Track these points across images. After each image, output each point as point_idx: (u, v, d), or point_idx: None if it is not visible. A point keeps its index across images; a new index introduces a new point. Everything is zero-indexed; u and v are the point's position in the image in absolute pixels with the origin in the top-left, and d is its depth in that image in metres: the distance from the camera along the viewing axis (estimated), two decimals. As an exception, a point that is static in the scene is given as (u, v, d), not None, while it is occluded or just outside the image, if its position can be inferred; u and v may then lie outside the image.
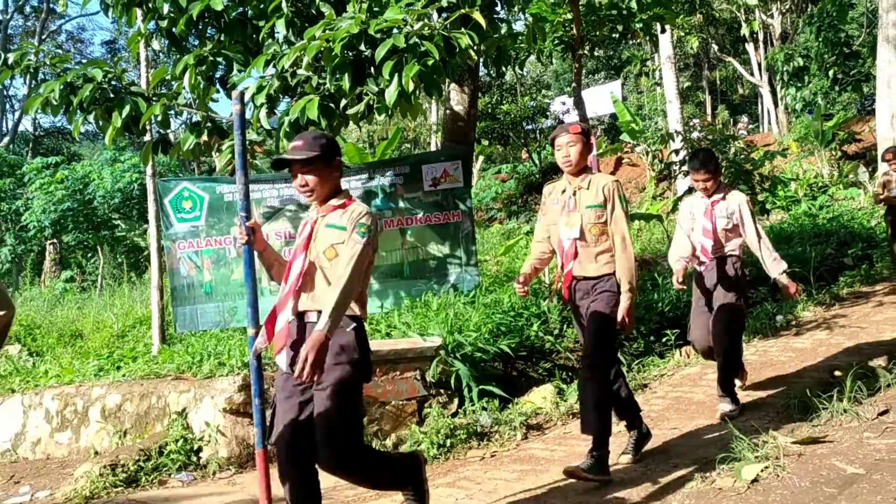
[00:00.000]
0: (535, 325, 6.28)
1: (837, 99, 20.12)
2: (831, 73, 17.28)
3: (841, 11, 17.27)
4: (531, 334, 6.14)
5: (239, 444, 5.00)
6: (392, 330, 6.14)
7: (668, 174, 11.98)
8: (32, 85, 7.26)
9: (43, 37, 31.70)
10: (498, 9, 6.38)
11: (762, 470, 3.45)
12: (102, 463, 4.81)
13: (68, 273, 17.34)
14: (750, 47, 23.86)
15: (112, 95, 5.98)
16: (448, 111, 8.41)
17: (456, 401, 5.43)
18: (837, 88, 17.69)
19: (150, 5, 6.02)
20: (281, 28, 5.59)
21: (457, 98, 8.21)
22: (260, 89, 5.48)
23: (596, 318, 3.84)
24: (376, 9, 5.09)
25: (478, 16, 4.97)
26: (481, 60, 7.30)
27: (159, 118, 6.07)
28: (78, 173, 18.72)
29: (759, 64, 23.32)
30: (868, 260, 9.53)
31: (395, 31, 4.81)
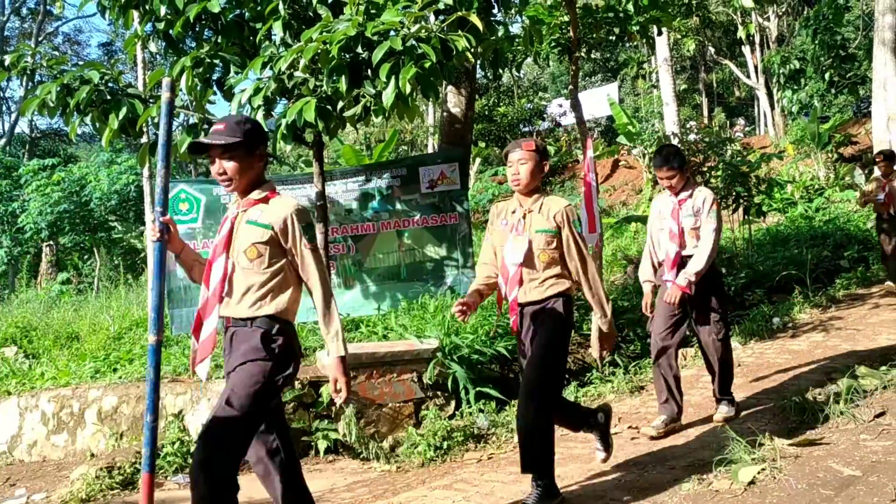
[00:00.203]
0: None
1: (833, 101, 20.18)
2: (827, 76, 17.33)
3: (837, 14, 17.32)
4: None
5: (235, 447, 4.98)
6: (389, 332, 6.15)
7: (665, 176, 11.99)
8: (29, 87, 7.25)
9: (40, 39, 31.65)
10: (495, 11, 6.38)
11: (759, 472, 3.45)
12: (99, 465, 4.80)
13: (65, 275, 17.30)
14: (746, 50, 23.93)
15: (109, 97, 5.98)
16: (445, 113, 8.42)
17: (453, 403, 5.43)
18: (833, 91, 17.73)
19: (147, 7, 6.01)
20: (278, 30, 5.59)
21: (454, 100, 8.22)
22: (257, 91, 5.48)
23: (538, 345, 3.54)
24: (373, 11, 5.09)
25: (475, 18, 4.97)
26: (478, 63, 7.31)
27: (156, 120, 6.07)
28: (74, 175, 18.67)
29: (756, 67, 23.39)
30: (864, 262, 9.56)
31: (392, 34, 4.81)
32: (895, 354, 5.46)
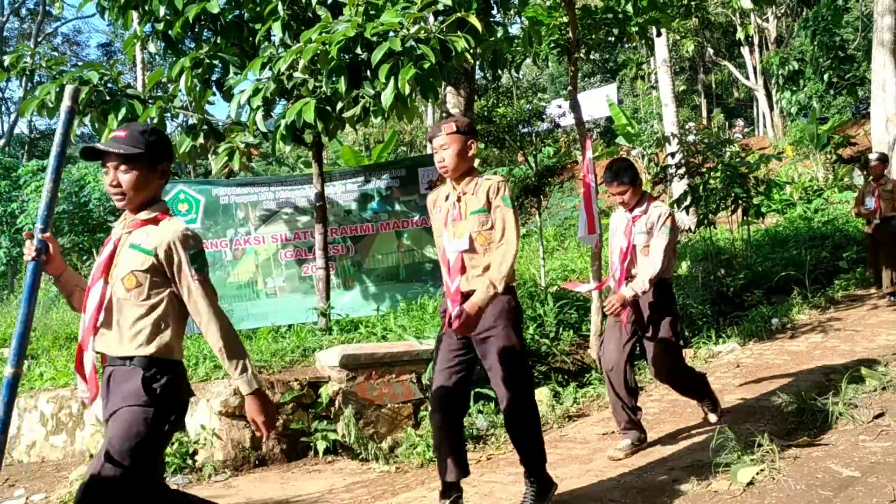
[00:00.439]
0: (531, 328, 6.29)
1: (832, 102, 20.19)
2: (826, 77, 17.33)
3: (836, 15, 17.33)
4: (527, 337, 6.14)
5: (235, 448, 4.99)
6: (388, 333, 6.15)
7: (664, 177, 12.01)
8: (28, 87, 7.25)
9: (39, 39, 31.64)
10: (494, 12, 6.39)
11: (758, 473, 3.45)
12: (97, 466, 4.79)
13: (63, 276, 17.28)
14: (745, 51, 23.96)
15: (108, 98, 5.98)
16: (444, 114, 8.42)
17: (452, 404, 5.42)
18: (832, 92, 17.73)
19: (147, 8, 6.01)
20: (277, 31, 5.59)
21: (453, 101, 8.22)
22: (256, 92, 5.49)
23: (503, 360, 3.29)
24: (372, 12, 5.09)
25: (474, 19, 4.97)
26: (477, 63, 7.32)
27: (155, 120, 6.07)
28: (73, 176, 18.68)
29: (755, 67, 23.42)
30: (863, 263, 9.56)
31: (392, 35, 4.82)
32: (894, 355, 5.47)
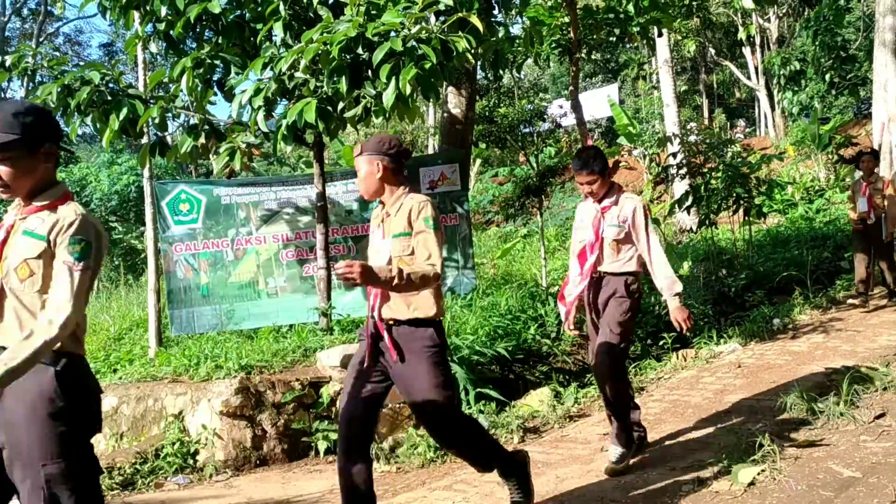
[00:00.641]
0: (532, 329, 6.29)
1: (834, 103, 20.17)
2: (828, 77, 17.33)
3: (837, 16, 17.31)
4: (528, 337, 6.15)
5: (236, 447, 4.99)
6: (389, 333, 6.14)
7: (666, 177, 12.01)
8: (30, 87, 7.26)
9: (40, 39, 31.66)
10: (495, 12, 6.39)
11: (759, 473, 3.45)
12: (99, 466, 4.80)
13: (65, 275, 17.29)
14: (747, 51, 23.93)
15: (109, 98, 5.99)
16: (445, 114, 8.42)
17: (453, 404, 5.43)
18: (834, 92, 17.73)
19: (148, 8, 6.02)
20: (278, 31, 5.59)
21: (454, 101, 8.23)
22: (257, 92, 5.49)
23: (426, 391, 3.08)
24: (374, 12, 5.09)
25: (475, 19, 4.97)
26: (478, 64, 7.32)
27: (157, 121, 6.08)
28: (75, 175, 18.70)
29: (756, 68, 23.39)
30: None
31: (393, 35, 4.82)
32: (895, 355, 5.46)
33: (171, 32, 6.05)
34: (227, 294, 7.19)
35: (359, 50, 5.01)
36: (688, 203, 9.81)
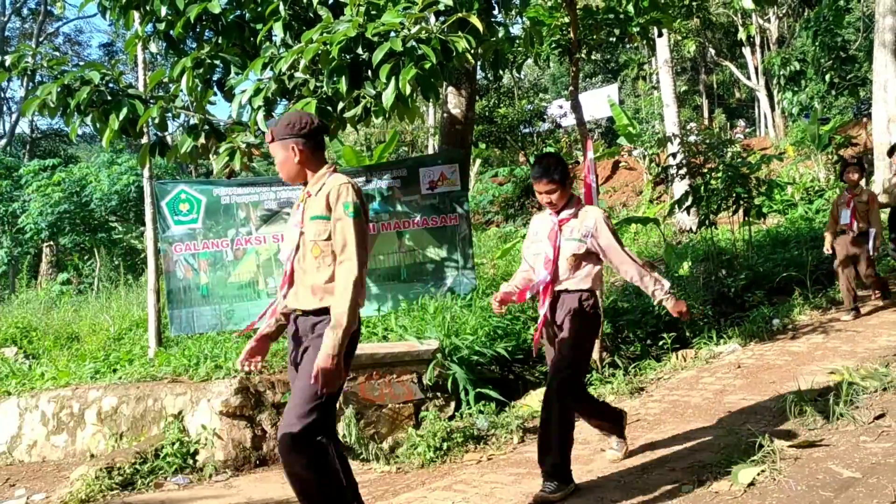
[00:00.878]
0: (532, 329, 6.28)
1: (834, 103, 20.18)
2: (828, 78, 17.32)
3: (837, 16, 17.31)
4: (528, 337, 6.14)
5: (235, 447, 4.99)
6: (389, 333, 6.15)
7: (665, 178, 12.01)
8: (30, 87, 7.26)
9: (40, 39, 31.67)
10: (495, 12, 6.39)
11: (759, 474, 3.45)
12: (98, 466, 4.80)
13: (65, 275, 17.30)
14: (747, 51, 23.93)
15: (109, 98, 5.98)
16: (445, 114, 8.42)
17: (452, 404, 5.43)
18: (834, 93, 17.73)
19: (148, 8, 6.02)
20: (278, 31, 5.59)
21: (454, 101, 8.22)
22: (257, 92, 5.49)
23: (303, 378, 2.93)
24: (373, 12, 5.09)
25: (475, 19, 4.97)
26: (478, 64, 7.32)
27: (157, 121, 6.07)
28: (75, 175, 18.69)
29: (756, 68, 23.40)
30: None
31: (393, 35, 4.82)
32: (895, 356, 5.46)
33: (171, 32, 6.05)
34: (227, 294, 7.18)
35: (358, 50, 5.01)
36: (687, 203, 9.81)
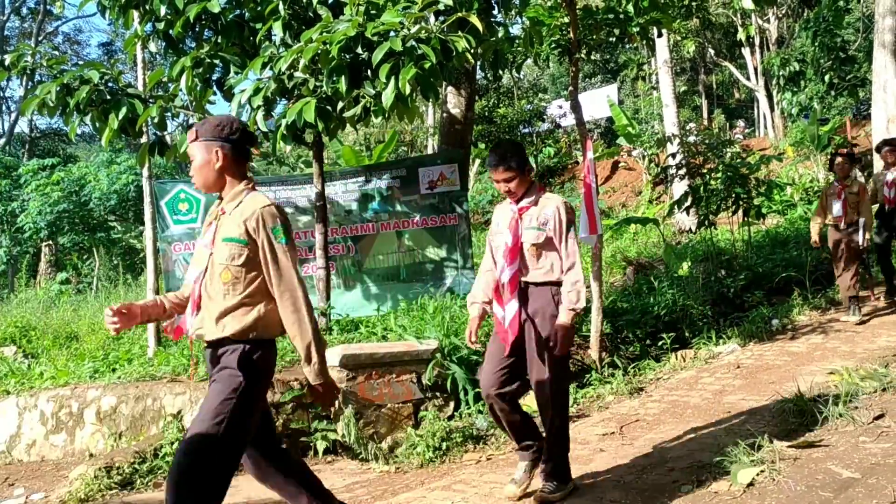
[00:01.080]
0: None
1: (833, 104, 20.17)
2: (827, 78, 17.32)
3: (837, 16, 17.30)
4: (527, 337, 6.14)
5: (234, 447, 4.98)
6: (388, 333, 6.15)
7: (665, 178, 12.01)
8: (29, 86, 7.26)
9: (40, 38, 31.64)
10: (495, 12, 6.38)
11: (758, 474, 3.45)
12: (97, 465, 4.79)
13: (64, 275, 17.29)
14: (746, 52, 23.94)
15: (109, 97, 5.98)
16: (445, 114, 8.42)
17: (452, 404, 5.43)
18: (833, 93, 17.71)
19: (147, 7, 6.01)
20: (278, 30, 5.59)
21: (454, 101, 8.22)
22: (257, 91, 5.48)
23: (202, 409, 2.68)
24: (373, 12, 5.09)
25: (475, 19, 4.97)
26: (478, 64, 7.32)
27: (156, 120, 6.07)
28: (74, 175, 18.67)
29: (756, 68, 23.40)
30: (863, 264, 9.54)
31: (392, 35, 4.81)
32: (894, 356, 5.47)
33: (171, 32, 6.05)
34: (226, 294, 7.18)
35: (358, 50, 5.01)
36: (687, 203, 9.81)
